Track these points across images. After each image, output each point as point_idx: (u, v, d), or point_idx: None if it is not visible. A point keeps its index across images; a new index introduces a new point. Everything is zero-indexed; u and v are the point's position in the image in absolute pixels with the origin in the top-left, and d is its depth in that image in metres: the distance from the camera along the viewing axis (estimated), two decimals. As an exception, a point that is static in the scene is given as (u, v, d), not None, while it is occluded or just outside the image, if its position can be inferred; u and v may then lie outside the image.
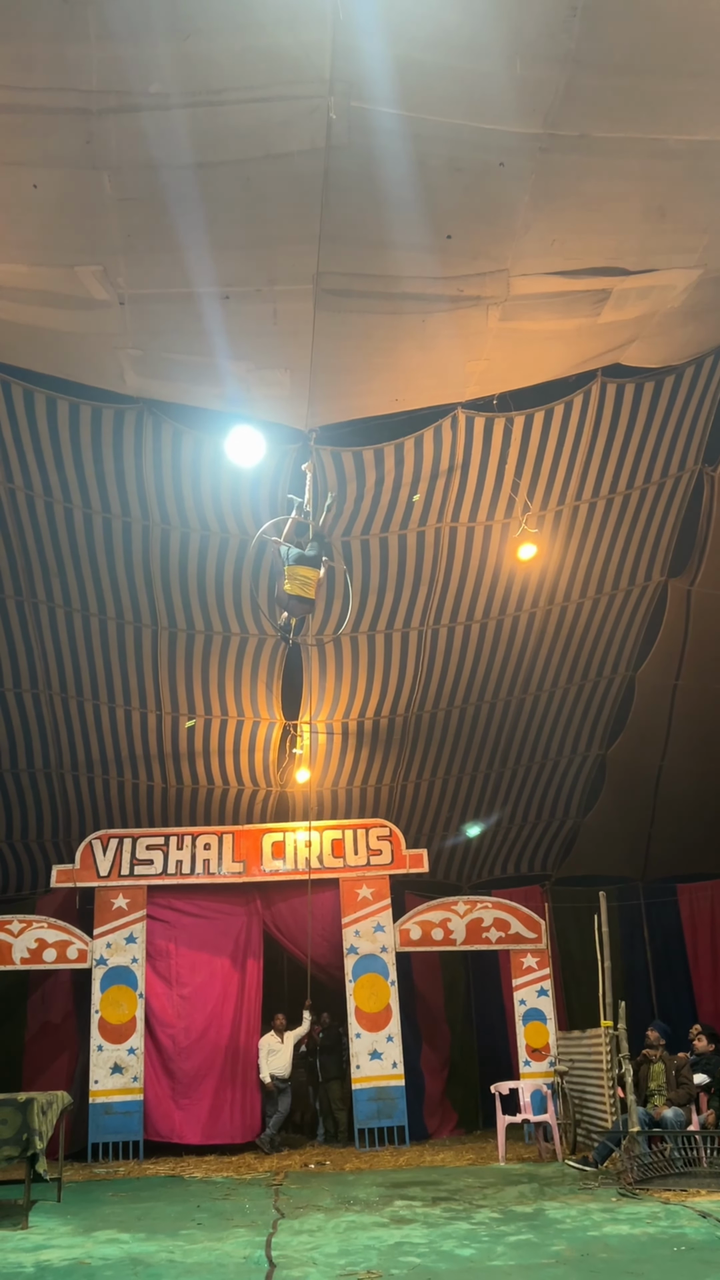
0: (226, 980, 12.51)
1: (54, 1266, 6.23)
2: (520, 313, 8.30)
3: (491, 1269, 5.76)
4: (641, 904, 14.98)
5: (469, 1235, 6.69)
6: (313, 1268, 5.93)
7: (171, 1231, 7.24)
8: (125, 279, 7.69)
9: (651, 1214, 7.12)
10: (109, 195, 6.86)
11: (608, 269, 7.88)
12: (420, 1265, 5.90)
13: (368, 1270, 5.82)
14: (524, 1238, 6.56)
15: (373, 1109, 11.86)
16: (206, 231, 7.24)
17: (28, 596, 11.26)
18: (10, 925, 12.28)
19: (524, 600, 11.95)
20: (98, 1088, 11.67)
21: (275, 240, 7.41)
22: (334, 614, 11.57)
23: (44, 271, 7.67)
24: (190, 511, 10.73)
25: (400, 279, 7.84)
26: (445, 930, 12.74)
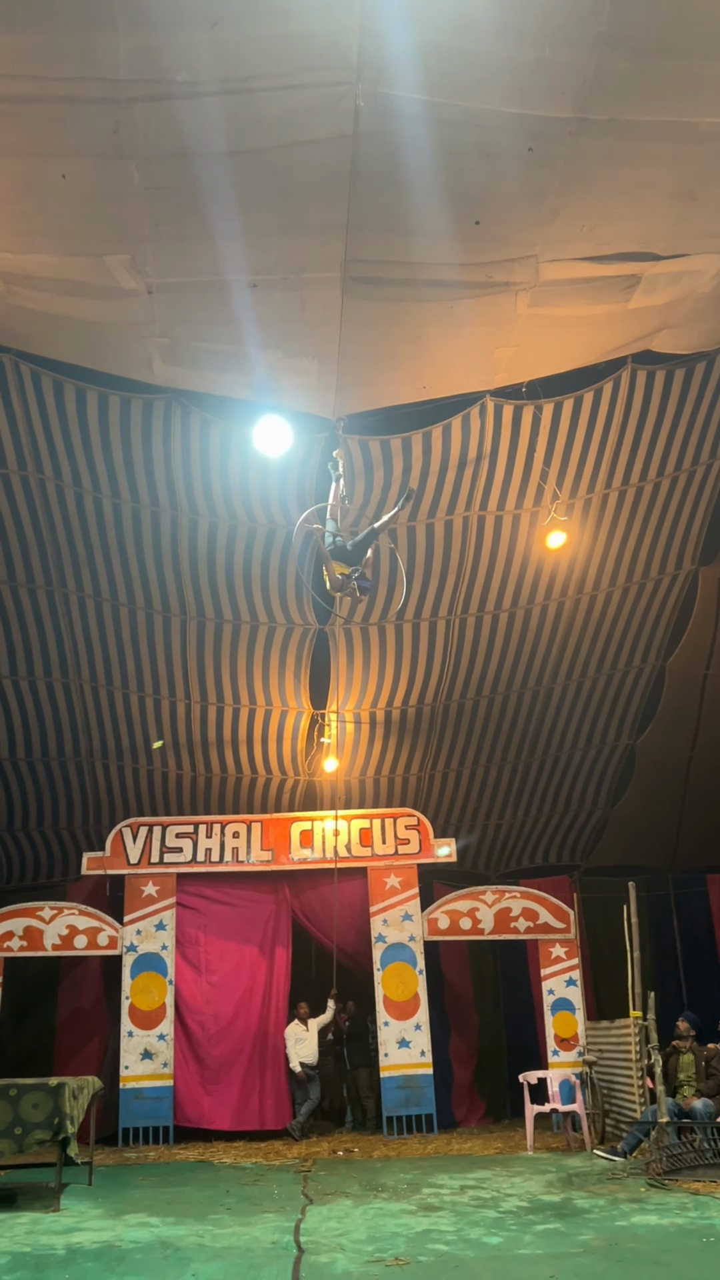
0: (255, 968, 12.59)
1: (85, 1249, 6.30)
2: (549, 299, 8.23)
3: (519, 1257, 5.77)
4: (671, 894, 14.91)
5: (496, 1224, 6.70)
6: (340, 1254, 5.96)
7: (201, 1216, 7.30)
8: (153, 267, 7.69)
9: (680, 1205, 7.11)
10: (137, 184, 6.86)
11: (638, 254, 7.79)
12: (448, 1253, 5.92)
13: (395, 1257, 5.84)
14: (551, 1227, 6.56)
15: (401, 1097, 11.89)
16: (234, 219, 7.22)
17: (58, 586, 11.33)
18: (42, 912, 12.42)
19: (553, 589, 11.90)
20: (128, 1073, 11.78)
21: (303, 228, 7.38)
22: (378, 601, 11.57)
23: (72, 261, 7.69)
24: (218, 501, 10.76)
25: (428, 266, 7.79)
26: (473, 919, 12.75)
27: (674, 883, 14.95)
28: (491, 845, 14.81)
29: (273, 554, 11.27)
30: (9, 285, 8.00)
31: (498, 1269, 5.52)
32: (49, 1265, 5.88)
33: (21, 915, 12.41)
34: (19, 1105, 7.92)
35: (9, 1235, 6.76)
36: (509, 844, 14.85)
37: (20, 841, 13.88)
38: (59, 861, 14.13)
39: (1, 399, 9.66)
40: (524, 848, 14.95)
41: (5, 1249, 6.33)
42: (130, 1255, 6.10)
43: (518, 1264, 5.62)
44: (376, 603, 11.59)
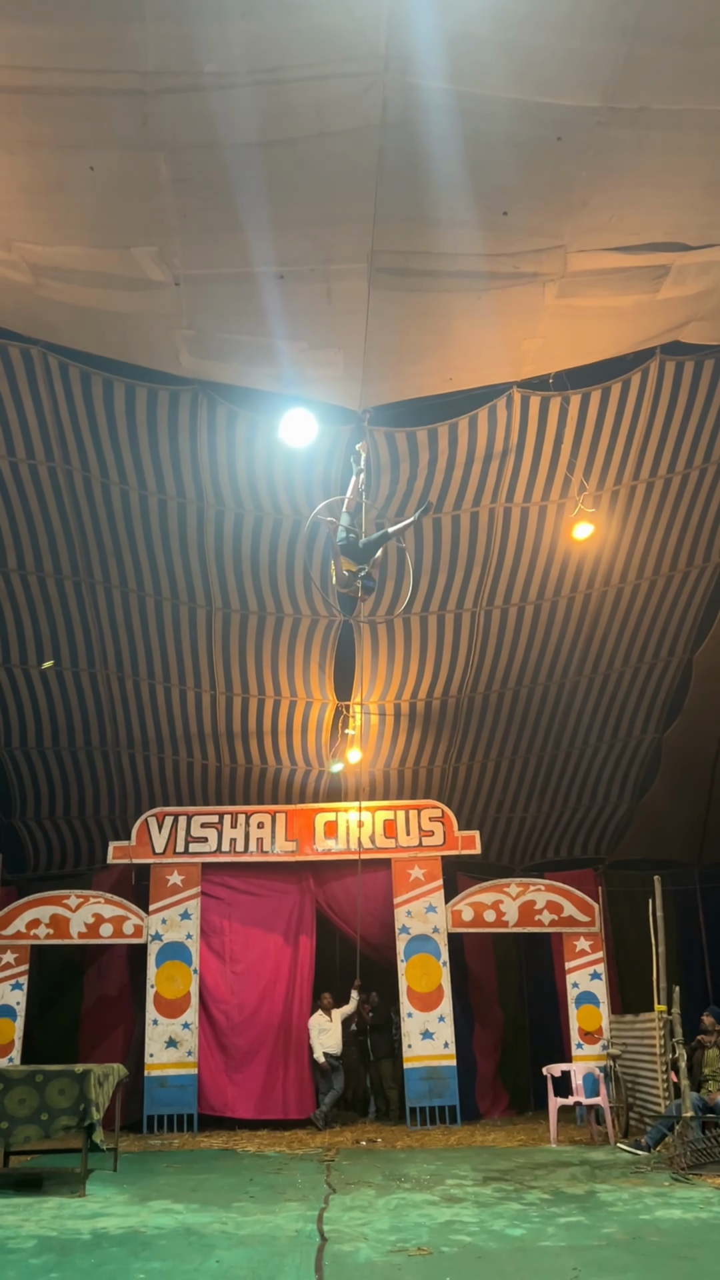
0: (279, 957, 12.65)
1: (110, 1234, 6.36)
2: (577, 289, 8.19)
3: (542, 1249, 5.78)
4: (697, 888, 14.84)
5: (520, 1215, 6.72)
6: (364, 1243, 5.99)
7: (225, 1203, 7.35)
8: (181, 259, 7.72)
9: (705, 1199, 7.09)
10: (164, 176, 6.89)
11: (667, 244, 7.74)
12: (471, 1244, 5.94)
13: (418, 1247, 5.86)
14: (575, 1219, 6.57)
15: (424, 1088, 11.92)
16: (261, 211, 7.24)
17: (85, 577, 11.40)
18: (68, 900, 12.52)
19: (579, 582, 11.85)
20: (153, 1061, 11.87)
21: (330, 219, 7.38)
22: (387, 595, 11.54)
23: (100, 253, 7.72)
24: (244, 493, 10.79)
25: (455, 256, 7.77)
26: (497, 912, 12.75)
27: (700, 877, 14.88)
28: (516, 838, 14.80)
29: (298, 546, 11.29)
30: (38, 278, 8.04)
31: (521, 1260, 5.54)
32: (75, 1249, 5.95)
33: (48, 903, 12.52)
34: (45, 1091, 8.01)
35: (36, 1220, 6.84)
36: (533, 836, 14.83)
37: (47, 830, 14.00)
38: (85, 850, 14.24)
39: (30, 390, 9.72)
40: (549, 840, 14.92)
41: (32, 1233, 6.40)
42: (155, 1241, 6.16)
43: (541, 1256, 5.63)
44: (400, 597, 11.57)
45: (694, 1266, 5.31)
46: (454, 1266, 5.42)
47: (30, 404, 9.85)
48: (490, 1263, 5.48)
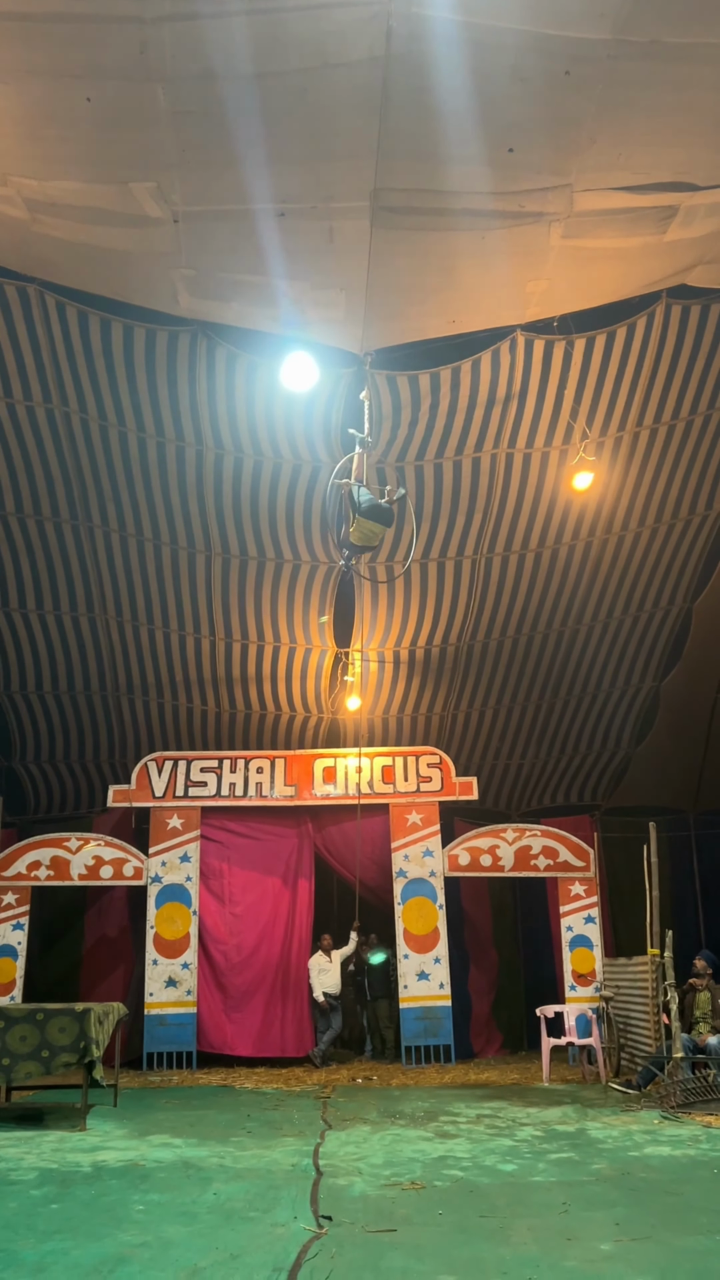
0: (278, 900, 12.77)
1: (110, 1167, 6.48)
2: (583, 230, 8.02)
3: (533, 1184, 5.89)
4: (692, 835, 14.96)
5: (511, 1151, 6.83)
6: (358, 1177, 6.10)
7: (222, 1138, 7.48)
8: (179, 195, 7.54)
9: (693, 1137, 7.22)
10: (163, 108, 6.71)
11: (676, 184, 7.57)
12: (463, 1179, 6.05)
13: (411, 1181, 5.97)
14: (565, 1156, 6.69)
15: (420, 1028, 12.10)
16: (262, 146, 7.06)
17: (83, 520, 11.33)
18: (69, 842, 12.62)
19: (580, 529, 11.78)
20: (153, 1000, 12.03)
21: (332, 155, 7.20)
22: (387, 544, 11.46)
23: (97, 188, 7.55)
24: (244, 436, 10.67)
25: (460, 195, 7.59)
26: (494, 857, 12.85)
27: (695, 823, 14.99)
28: (513, 784, 14.87)
29: (298, 491, 11.20)
30: (34, 213, 7.88)
31: (512, 1195, 5.64)
32: (75, 1181, 6.06)
33: (49, 845, 12.62)
34: (46, 1029, 8.12)
35: (37, 1153, 6.96)
36: (531, 783, 14.90)
37: (48, 773, 14.06)
38: (85, 794, 14.32)
39: (27, 330, 9.58)
40: (546, 787, 15.00)
41: (33, 1165, 6.52)
42: (154, 1174, 6.27)
43: (531, 1191, 5.74)
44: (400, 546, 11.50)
45: (681, 1201, 5.42)
46: (446, 1200, 5.52)
47: (27, 344, 9.70)
48: (482, 1197, 5.59)
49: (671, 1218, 5.07)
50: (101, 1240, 4.77)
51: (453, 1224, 5.03)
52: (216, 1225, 5.04)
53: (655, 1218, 5.07)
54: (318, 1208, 5.35)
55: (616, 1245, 4.61)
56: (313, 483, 11.08)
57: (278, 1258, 4.45)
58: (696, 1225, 4.92)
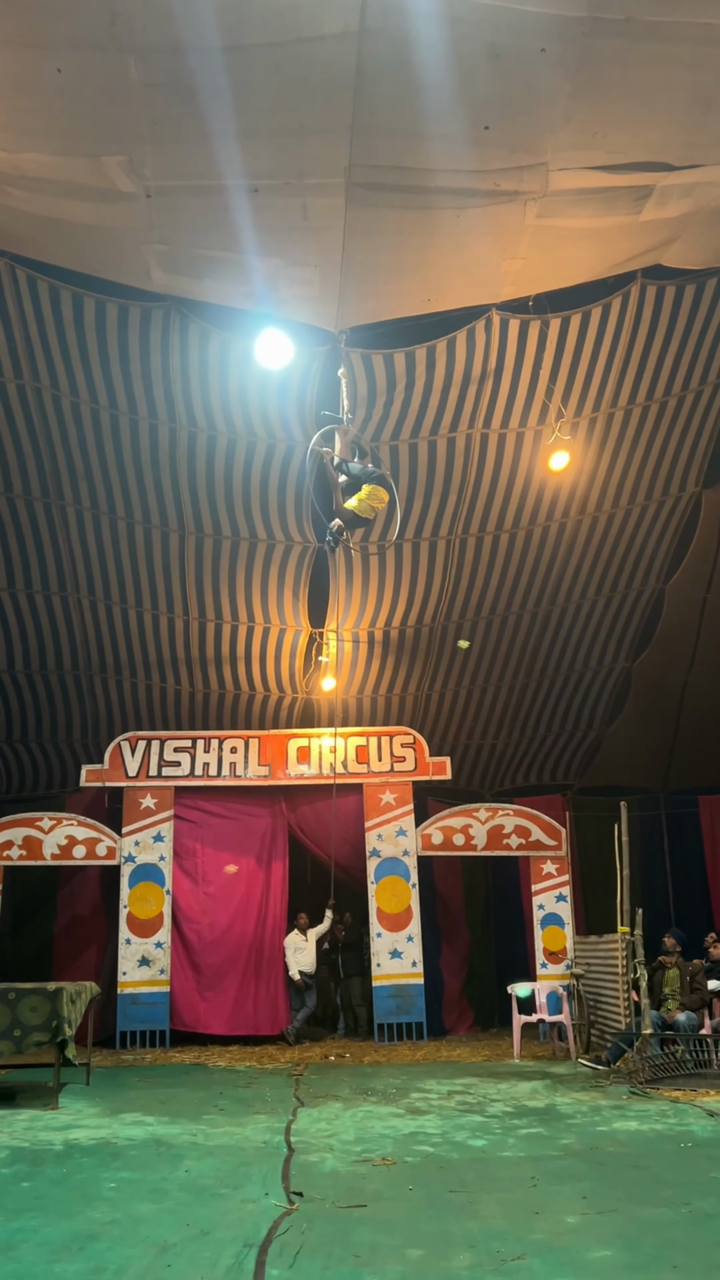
0: (251, 879, 12.80)
1: (82, 1145, 6.50)
2: (558, 209, 8.00)
3: (502, 1159, 5.95)
4: (662, 815, 15.10)
5: (482, 1127, 6.90)
6: (329, 1153, 6.15)
7: (194, 1116, 7.51)
8: (151, 170, 7.45)
9: (660, 1112, 7.32)
10: (135, 80, 6.61)
11: (651, 164, 7.54)
12: (434, 1154, 6.10)
13: (382, 1157, 6.02)
14: (535, 1131, 6.76)
15: (392, 1005, 12.18)
16: (235, 120, 6.97)
17: (55, 499, 11.23)
18: (41, 822, 12.59)
19: (554, 510, 11.80)
20: (126, 979, 12.04)
21: (306, 130, 7.13)
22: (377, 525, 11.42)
23: (68, 161, 7.44)
24: (218, 414, 10.60)
25: (435, 173, 7.54)
26: (466, 836, 12.92)
27: (666, 803, 15.12)
28: (486, 764, 14.95)
29: (272, 469, 11.15)
30: (3, 186, 7.76)
31: (481, 1170, 5.70)
32: (46, 1160, 6.07)
33: (21, 825, 12.58)
34: (18, 1009, 8.12)
35: (8, 1131, 6.97)
36: (504, 763, 14.98)
37: (20, 753, 14.00)
38: (58, 773, 14.27)
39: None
40: (518, 767, 15.09)
41: (4, 1144, 6.52)
42: (125, 1152, 6.30)
43: (501, 1165, 5.80)
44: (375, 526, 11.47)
45: (647, 1175, 5.49)
46: (417, 1176, 5.57)
47: (-2, 319, 9.59)
48: (452, 1172, 5.64)
49: (637, 1191, 5.14)
50: (72, 1218, 4.79)
51: (422, 1199, 5.08)
52: (187, 1202, 5.07)
53: (621, 1191, 5.14)
54: (289, 1184, 5.39)
55: (583, 1218, 4.67)
56: (287, 462, 11.04)
57: (248, 1233, 4.49)
58: (662, 1198, 4.99)
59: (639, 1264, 4.01)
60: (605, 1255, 4.12)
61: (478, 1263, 4.06)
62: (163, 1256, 4.19)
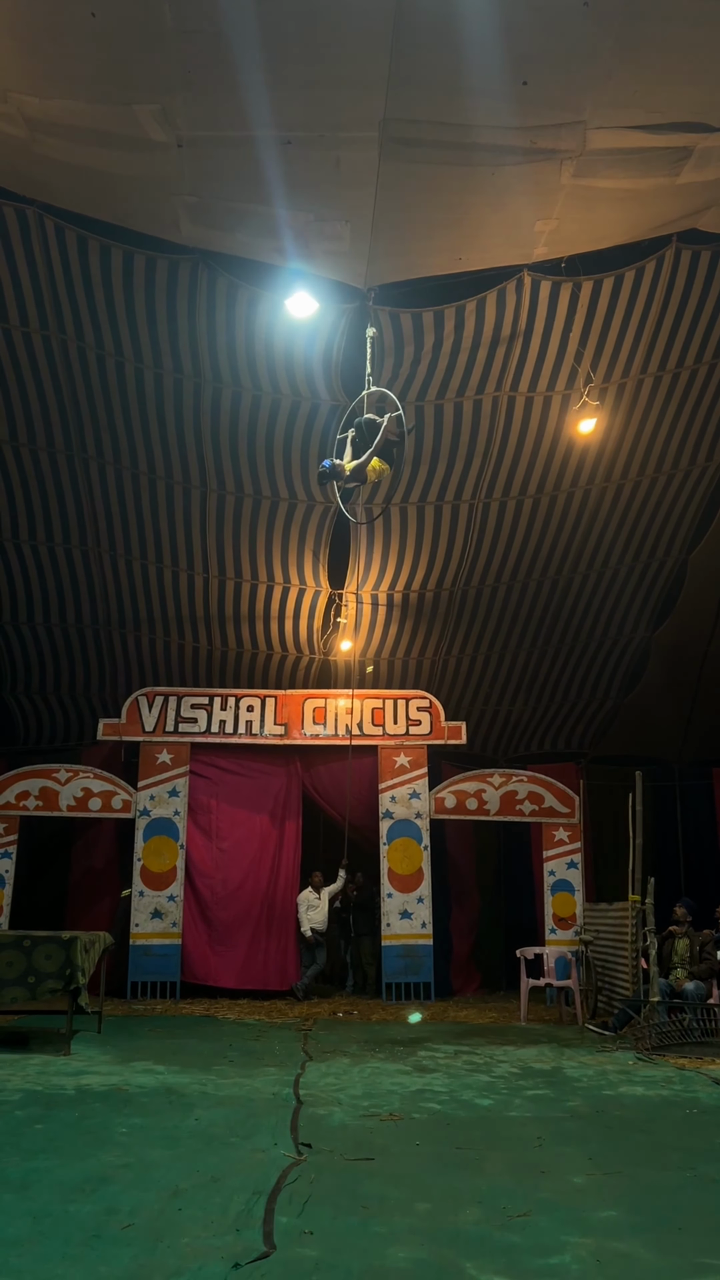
0: (265, 837, 12.90)
1: (93, 1090, 6.60)
2: (595, 169, 7.87)
3: (508, 1119, 6.02)
4: (676, 785, 15.09)
5: (488, 1087, 6.98)
6: (337, 1107, 6.22)
7: (204, 1066, 7.61)
8: (184, 119, 7.37)
9: (666, 1078, 7.37)
10: (169, 26, 6.52)
11: (691, 124, 7.41)
12: (440, 1111, 6.17)
13: (390, 1113, 6.10)
14: (541, 1093, 6.83)
15: (401, 965, 12.30)
16: (269, 70, 6.89)
17: (77, 451, 11.21)
18: (58, 774, 12.70)
19: (580, 476, 11.71)
20: (138, 930, 12.19)
21: (341, 82, 7.02)
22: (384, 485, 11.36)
23: (100, 109, 7.36)
24: (243, 370, 10.53)
25: (471, 128, 7.43)
26: (479, 800, 12.97)
27: (680, 774, 15.12)
28: (502, 730, 14.95)
29: (296, 427, 11.08)
30: (34, 133, 7.69)
31: (487, 1128, 5.77)
32: (59, 1104, 6.17)
33: (38, 776, 12.70)
34: (32, 956, 8.22)
35: (21, 1075, 7.08)
36: (519, 729, 14.99)
37: (38, 705, 14.08)
38: (75, 726, 14.36)
39: (25, 253, 9.39)
40: (534, 733, 15.09)
41: (18, 1087, 6.63)
42: (136, 1099, 6.39)
43: (507, 1125, 5.87)
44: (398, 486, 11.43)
45: (651, 1139, 5.55)
46: (423, 1132, 5.64)
47: (25, 268, 9.52)
48: (458, 1129, 5.71)
49: (643, 1154, 5.20)
50: (85, 1160, 4.87)
51: (429, 1155, 5.15)
52: (198, 1149, 5.15)
53: (627, 1154, 5.20)
54: (297, 1136, 5.46)
55: (588, 1179, 4.72)
56: (311, 419, 10.97)
57: (257, 1182, 4.56)
58: (667, 1162, 5.04)
59: (644, 1224, 4.06)
60: (611, 1215, 4.17)
61: (485, 1218, 4.11)
62: (174, 1201, 4.27)
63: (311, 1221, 4.03)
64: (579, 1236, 3.90)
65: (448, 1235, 3.91)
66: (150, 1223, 3.99)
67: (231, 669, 13.88)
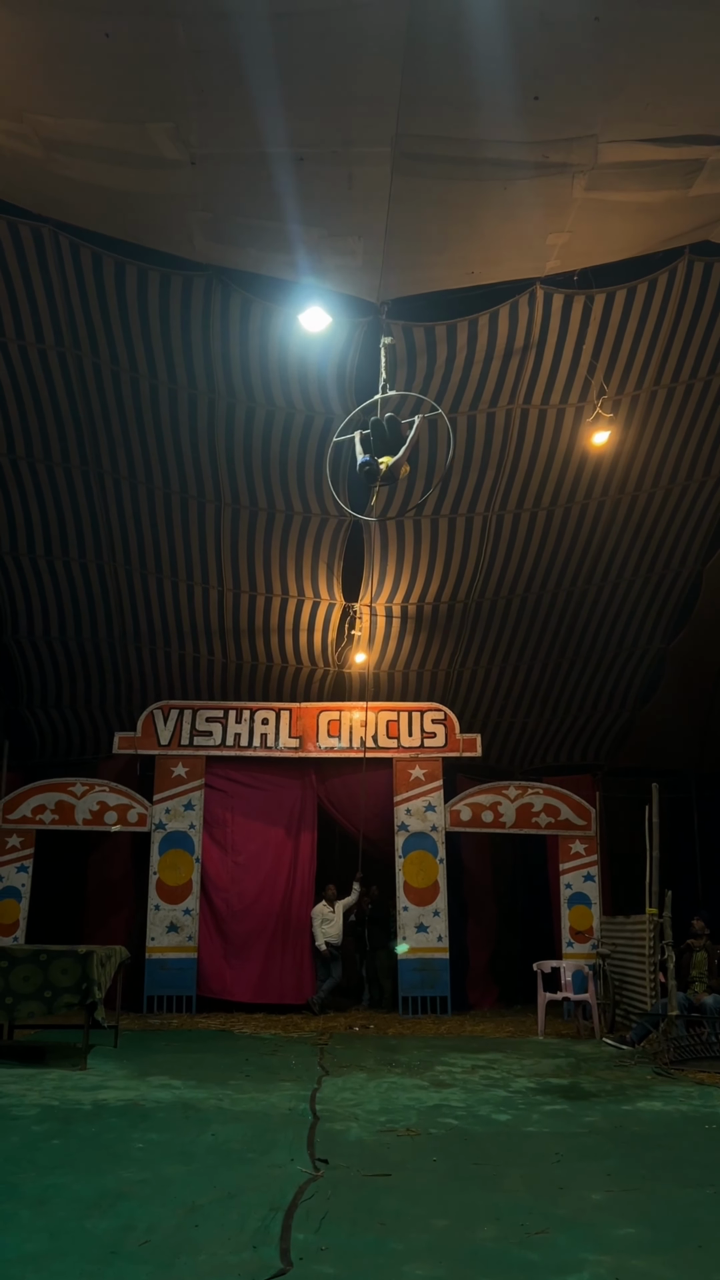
0: (280, 850, 12.90)
1: (110, 1105, 6.61)
2: (607, 182, 7.88)
3: (526, 1134, 6.00)
4: (693, 797, 15.02)
5: (505, 1102, 6.95)
6: (354, 1122, 6.21)
7: (221, 1081, 7.61)
8: (197, 137, 7.42)
9: (685, 1093, 7.33)
10: (182, 46, 6.58)
11: (703, 137, 7.42)
12: (458, 1127, 6.15)
13: (407, 1128, 6.08)
14: (559, 1108, 6.80)
15: (417, 979, 12.27)
16: (281, 88, 6.93)
17: (93, 467, 11.27)
18: (74, 787, 12.74)
19: (594, 488, 11.70)
20: (154, 944, 12.20)
21: (353, 99, 7.06)
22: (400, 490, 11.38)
23: (114, 128, 7.43)
24: (257, 385, 10.58)
25: (483, 143, 7.45)
26: (495, 813, 12.95)
27: (697, 785, 15.05)
28: (517, 742, 14.92)
29: (310, 442, 11.12)
30: (49, 152, 7.76)
31: (505, 1144, 5.75)
32: (76, 1119, 6.18)
33: (54, 790, 12.75)
34: (49, 970, 8.24)
35: (38, 1089, 7.09)
36: (534, 741, 14.95)
37: (54, 718, 14.13)
38: (90, 739, 14.39)
39: (40, 271, 9.47)
40: (549, 746, 15.05)
41: (35, 1102, 6.65)
42: (153, 1114, 6.40)
43: (525, 1140, 5.84)
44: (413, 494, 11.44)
45: (672, 1155, 5.51)
46: (441, 1147, 5.62)
47: (40, 285, 9.60)
48: (476, 1145, 5.69)
49: (662, 1170, 5.17)
50: (102, 1175, 4.88)
51: (447, 1170, 5.13)
52: (214, 1165, 5.15)
53: (646, 1170, 5.17)
54: (314, 1151, 5.46)
55: (608, 1195, 4.70)
56: (325, 434, 11.00)
57: (274, 1197, 4.55)
58: (687, 1178, 5.01)
59: (664, 1242, 4.04)
60: (629, 1233, 4.15)
61: (502, 1235, 4.10)
62: (191, 1216, 4.27)
63: (328, 1238, 4.02)
64: (598, 1254, 3.88)
65: (465, 1253, 3.90)
66: (167, 1239, 3.99)
67: (246, 682, 13.91)
